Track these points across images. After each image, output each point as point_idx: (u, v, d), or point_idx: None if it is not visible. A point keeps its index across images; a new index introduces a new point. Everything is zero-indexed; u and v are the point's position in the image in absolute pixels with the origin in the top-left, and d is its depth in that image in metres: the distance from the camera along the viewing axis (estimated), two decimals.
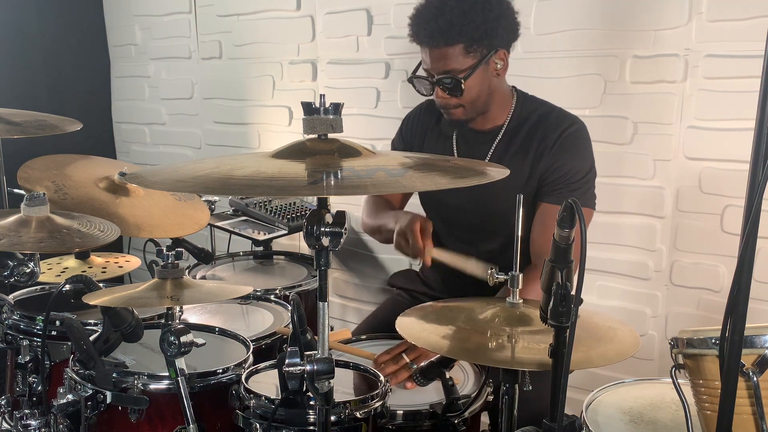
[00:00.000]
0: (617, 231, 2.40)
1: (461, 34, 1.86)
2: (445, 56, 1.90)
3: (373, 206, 2.28)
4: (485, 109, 2.01)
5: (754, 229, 1.00)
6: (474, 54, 1.90)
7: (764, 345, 1.10)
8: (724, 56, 2.13)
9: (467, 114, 2.00)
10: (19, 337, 1.91)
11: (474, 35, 1.87)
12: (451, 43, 1.87)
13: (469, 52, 1.89)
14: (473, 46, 1.89)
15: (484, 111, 2.01)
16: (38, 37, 3.64)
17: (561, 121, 2.01)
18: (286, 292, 2.25)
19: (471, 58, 1.90)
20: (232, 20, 3.34)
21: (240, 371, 1.61)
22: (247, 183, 1.14)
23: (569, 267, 1.23)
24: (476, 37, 1.87)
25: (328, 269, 1.20)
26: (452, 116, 2.01)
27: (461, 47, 1.88)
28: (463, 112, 1.99)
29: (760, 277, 2.11)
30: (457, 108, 1.98)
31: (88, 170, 2.32)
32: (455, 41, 1.87)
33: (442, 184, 1.19)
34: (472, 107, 1.98)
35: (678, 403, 1.24)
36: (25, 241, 1.69)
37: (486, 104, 2.00)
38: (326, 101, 1.22)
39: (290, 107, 3.22)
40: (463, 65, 1.90)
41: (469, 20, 1.85)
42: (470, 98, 1.95)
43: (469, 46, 1.88)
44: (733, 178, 2.16)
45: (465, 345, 1.42)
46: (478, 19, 1.86)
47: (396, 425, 1.56)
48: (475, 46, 1.89)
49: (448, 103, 1.97)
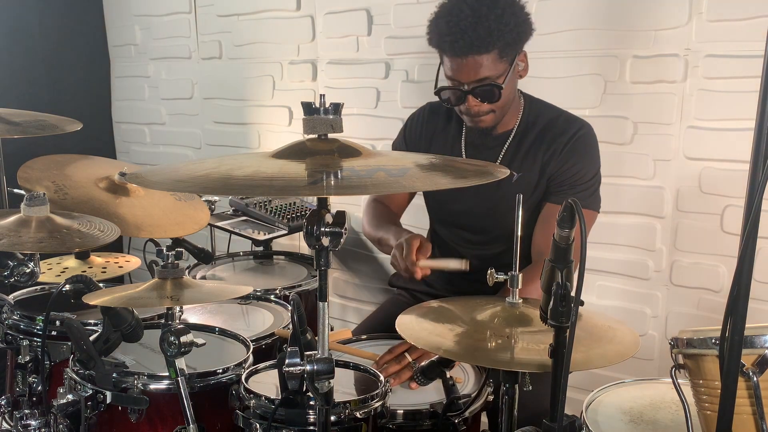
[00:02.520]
0: (617, 231, 2.40)
1: (499, 40, 1.83)
2: (480, 64, 1.85)
3: (374, 213, 2.26)
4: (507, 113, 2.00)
5: (754, 229, 1.00)
6: (506, 58, 1.88)
7: (764, 345, 1.10)
8: (724, 56, 2.13)
9: (496, 120, 1.98)
10: (19, 337, 1.91)
11: (508, 39, 1.84)
12: (489, 50, 1.84)
13: (503, 57, 1.87)
14: (506, 50, 1.86)
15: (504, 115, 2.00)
16: (38, 37, 3.64)
17: (571, 125, 2.00)
18: (286, 292, 2.25)
19: (504, 63, 1.88)
20: (232, 20, 3.34)
21: (240, 371, 1.61)
22: (247, 183, 1.14)
23: (569, 267, 1.23)
24: (510, 41, 1.85)
25: (328, 269, 1.20)
26: (481, 123, 1.98)
27: (496, 53, 1.85)
28: (493, 119, 1.97)
29: (760, 277, 2.11)
30: (488, 114, 1.95)
31: (88, 170, 2.32)
32: (492, 47, 1.84)
33: (443, 184, 1.19)
34: (501, 112, 1.97)
35: (678, 403, 1.24)
36: (25, 241, 1.69)
37: (509, 108, 1.99)
38: (326, 101, 1.22)
39: (290, 107, 3.22)
40: (498, 71, 1.87)
41: (504, 24, 1.82)
42: (503, 103, 1.94)
43: (503, 50, 1.86)
44: (733, 178, 2.15)
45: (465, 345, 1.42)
46: (511, 22, 1.84)
47: (396, 425, 1.56)
48: (508, 50, 1.87)
49: (480, 111, 1.94)
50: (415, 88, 2.79)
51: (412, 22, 2.71)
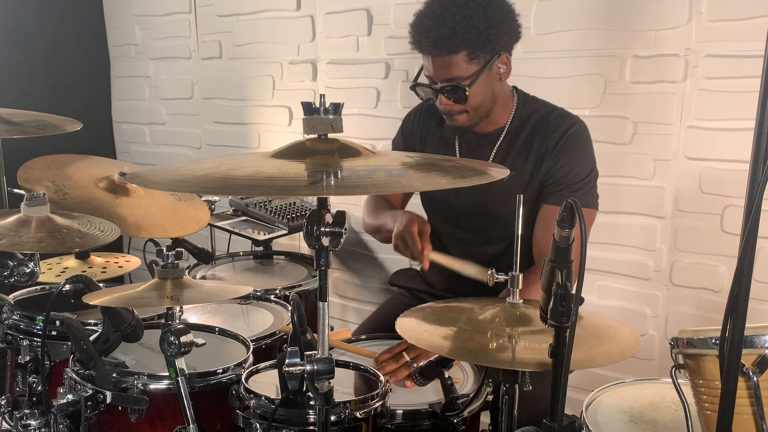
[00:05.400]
0: (617, 231, 2.40)
1: (464, 42, 1.83)
2: (448, 64, 1.86)
3: (373, 205, 2.28)
4: (488, 113, 2.00)
5: (754, 229, 1.00)
6: (477, 60, 1.87)
7: (764, 345, 1.10)
8: (724, 56, 2.13)
9: (471, 120, 1.98)
10: (19, 337, 1.91)
11: (477, 42, 1.84)
12: (455, 51, 1.84)
13: (473, 58, 1.86)
14: (476, 53, 1.85)
15: (487, 115, 2.00)
16: (38, 37, 3.64)
17: (562, 121, 1.99)
18: (286, 292, 2.25)
19: (475, 65, 1.87)
20: (232, 20, 3.34)
21: (240, 371, 1.61)
22: (247, 183, 1.14)
23: (569, 267, 1.23)
24: (479, 43, 1.84)
25: (328, 269, 1.20)
26: (456, 122, 1.99)
27: (464, 54, 1.85)
28: (466, 119, 1.97)
29: (760, 277, 2.11)
30: (461, 114, 1.96)
31: (88, 170, 2.32)
32: (458, 49, 1.84)
33: (442, 184, 1.19)
34: (476, 113, 1.97)
35: (678, 403, 1.24)
36: (25, 241, 1.69)
37: (489, 109, 1.98)
38: (326, 101, 1.22)
39: (290, 107, 3.22)
40: (467, 72, 1.87)
41: (471, 27, 1.82)
42: (474, 104, 1.94)
43: (473, 52, 1.85)
44: (733, 178, 2.15)
45: (466, 346, 1.42)
46: (480, 25, 1.83)
47: (395, 425, 1.56)
48: (479, 52, 1.86)
49: (452, 110, 1.95)
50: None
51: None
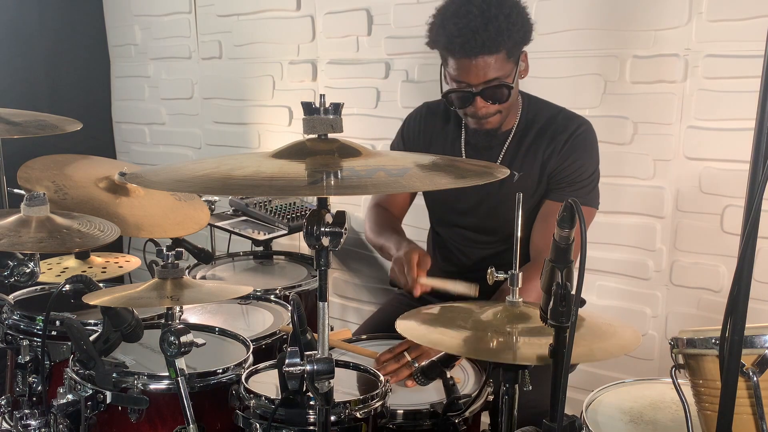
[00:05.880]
0: (617, 231, 2.40)
1: (508, 39, 1.82)
2: (490, 65, 1.84)
3: (376, 219, 2.24)
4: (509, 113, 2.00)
5: (754, 229, 1.00)
6: (513, 58, 1.87)
7: (764, 345, 1.10)
8: (724, 56, 2.13)
9: (501, 120, 1.97)
10: (19, 337, 1.91)
11: (516, 39, 1.84)
12: (498, 50, 1.82)
13: (510, 57, 1.86)
14: (513, 50, 1.86)
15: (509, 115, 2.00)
16: (38, 37, 3.64)
17: (570, 122, 2.00)
18: (286, 292, 2.25)
19: (511, 62, 1.87)
20: (232, 20, 3.34)
21: (240, 371, 1.61)
22: (247, 183, 1.14)
23: (569, 267, 1.23)
24: (518, 40, 1.85)
25: (328, 269, 1.20)
26: (487, 125, 1.96)
27: (505, 53, 1.84)
28: (499, 119, 1.96)
29: (760, 277, 2.11)
30: (495, 116, 1.94)
31: (88, 170, 2.32)
32: (502, 47, 1.82)
33: (443, 184, 1.19)
34: (506, 112, 1.96)
35: (678, 403, 1.24)
36: (25, 241, 1.69)
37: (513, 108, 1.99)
38: (326, 101, 1.22)
39: (290, 107, 3.22)
40: (506, 71, 1.87)
41: (512, 24, 1.81)
42: (510, 103, 1.93)
43: (511, 50, 1.85)
44: (733, 178, 2.16)
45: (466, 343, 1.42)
46: (518, 22, 1.83)
47: (396, 424, 1.56)
48: (514, 50, 1.86)
49: (488, 112, 1.92)
50: (414, 88, 2.79)
51: (412, 22, 2.71)
